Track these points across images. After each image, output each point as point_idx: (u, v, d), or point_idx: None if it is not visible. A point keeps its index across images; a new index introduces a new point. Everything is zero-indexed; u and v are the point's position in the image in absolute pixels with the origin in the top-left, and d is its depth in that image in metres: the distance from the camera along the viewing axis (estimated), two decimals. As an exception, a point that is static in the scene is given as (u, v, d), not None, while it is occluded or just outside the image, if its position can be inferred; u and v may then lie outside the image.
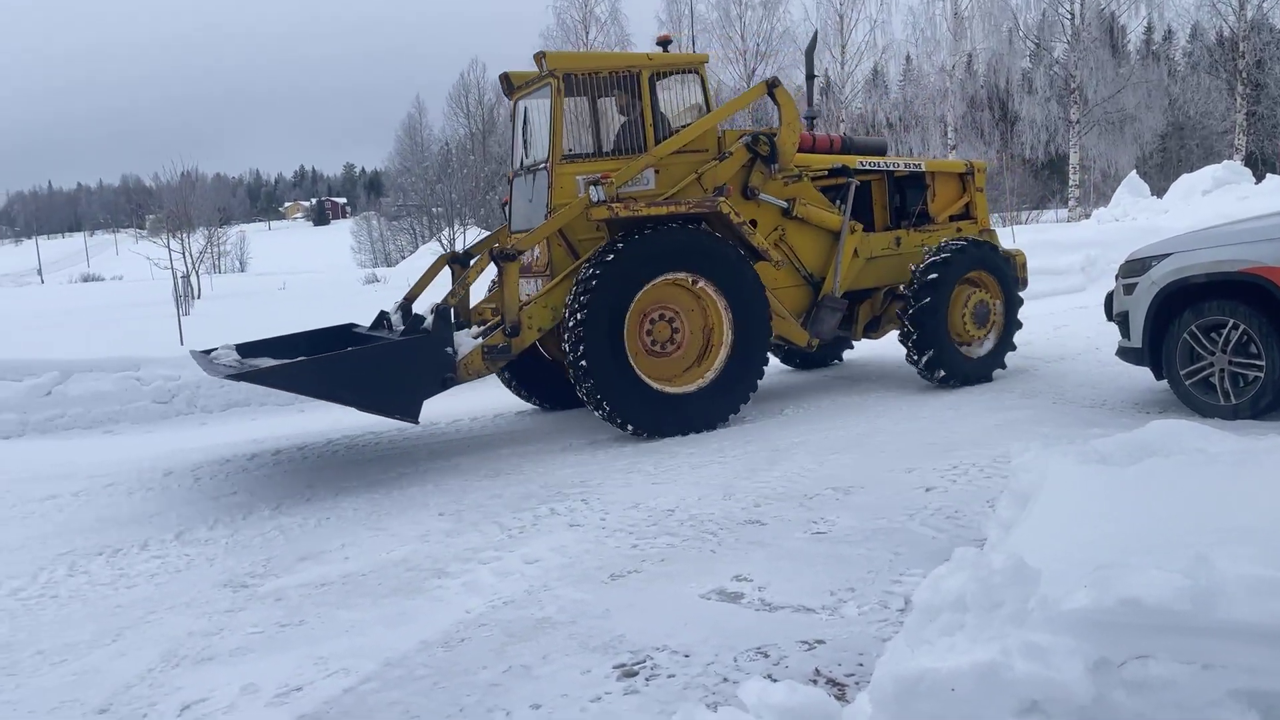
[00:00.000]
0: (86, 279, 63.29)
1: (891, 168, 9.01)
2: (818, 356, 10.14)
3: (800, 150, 8.47)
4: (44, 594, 4.91)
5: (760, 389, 7.96)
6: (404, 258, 61.11)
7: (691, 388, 7.60)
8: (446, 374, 7.21)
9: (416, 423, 7.15)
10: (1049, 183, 42.59)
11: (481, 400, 9.64)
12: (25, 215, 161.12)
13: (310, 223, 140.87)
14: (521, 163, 8.41)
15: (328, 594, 4.62)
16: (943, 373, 8.33)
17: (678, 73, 8.12)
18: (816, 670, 3.42)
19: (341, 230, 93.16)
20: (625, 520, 5.40)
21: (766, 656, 3.55)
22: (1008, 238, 19.78)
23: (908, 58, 42.69)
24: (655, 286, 7.48)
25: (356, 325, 8.39)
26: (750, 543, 4.88)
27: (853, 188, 8.52)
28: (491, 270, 8.13)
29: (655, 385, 7.46)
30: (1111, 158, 38.73)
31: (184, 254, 31.21)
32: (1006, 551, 2.84)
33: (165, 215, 41.57)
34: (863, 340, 9.43)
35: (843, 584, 4.20)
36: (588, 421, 8.36)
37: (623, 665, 3.58)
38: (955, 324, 8.44)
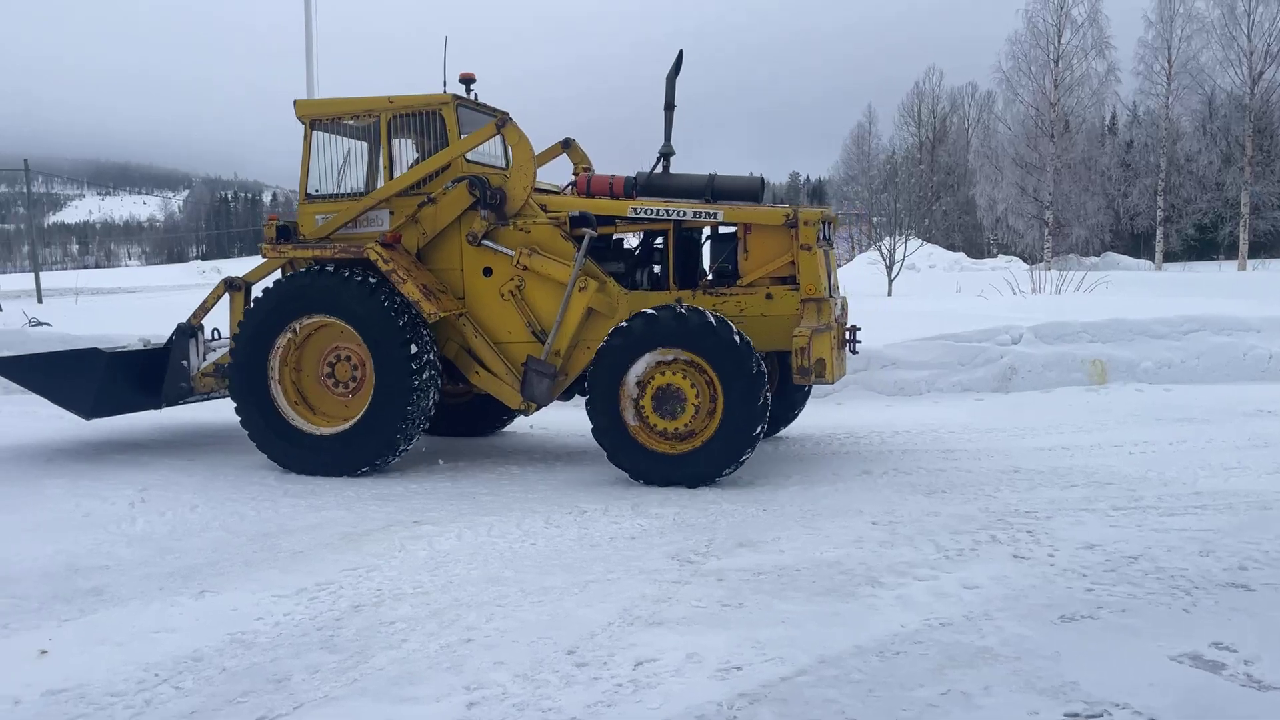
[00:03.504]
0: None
1: (679, 216, 7.51)
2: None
3: (584, 194, 7.91)
4: (525, 540, 5.63)
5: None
6: (839, 265, 61.61)
7: (336, 429, 7.54)
8: (181, 383, 8.41)
9: (86, 419, 8.57)
10: None
11: (931, 411, 9.46)
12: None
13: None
14: None
15: (764, 582, 4.79)
16: (625, 472, 7.02)
17: (419, 114, 7.77)
18: (1323, 771, 2.90)
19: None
20: (1077, 561, 4.98)
21: (1255, 742, 3.09)
22: None
23: None
24: (322, 327, 7.64)
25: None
26: (1233, 609, 4.26)
27: (587, 238, 7.42)
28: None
29: (305, 425, 7.60)
30: None
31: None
32: None
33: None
34: None
35: (1360, 677, 3.52)
36: (1037, 445, 7.84)
37: (1075, 715, 3.30)
38: (647, 413, 6.96)
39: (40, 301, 30.75)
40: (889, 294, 27.78)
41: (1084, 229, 42.47)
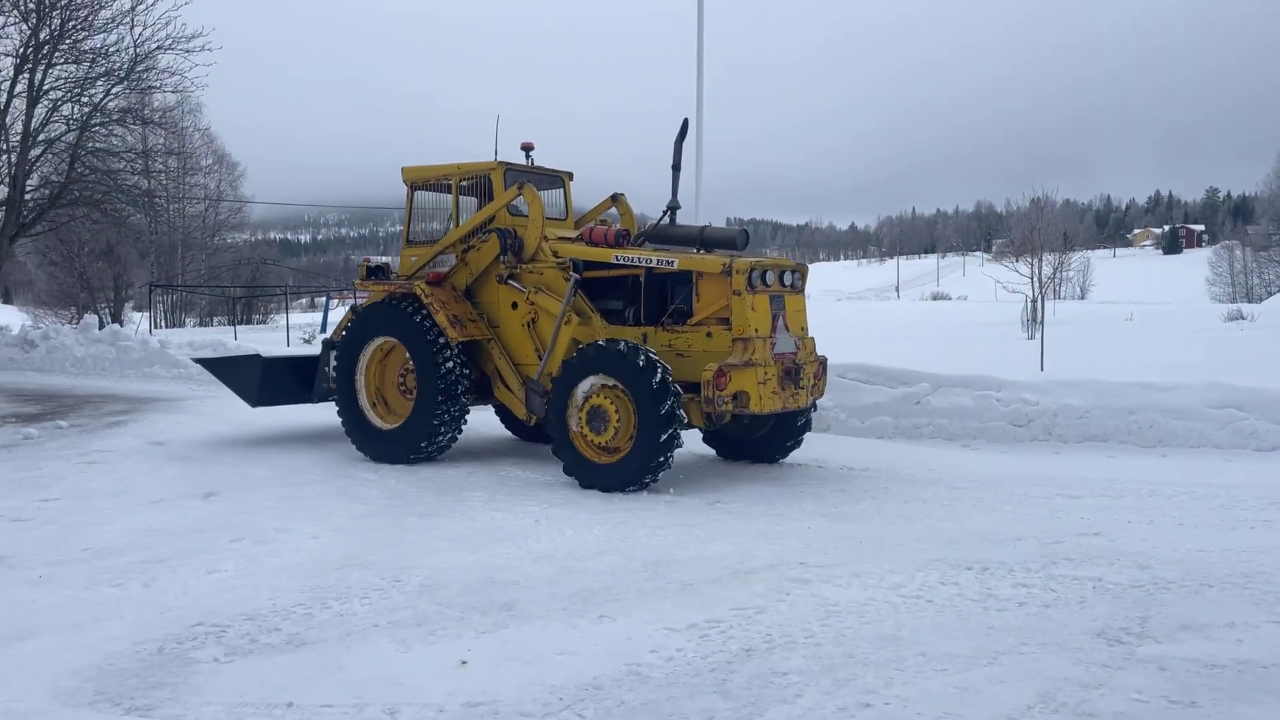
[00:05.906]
0: (935, 297, 69.01)
1: (647, 263, 8.77)
2: (753, 449, 9.34)
3: (587, 243, 9.26)
4: (920, 596, 5.20)
5: None
6: (1270, 293, 53.59)
7: (392, 426, 9.43)
8: (324, 384, 10.23)
9: (253, 406, 10.81)
10: None
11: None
12: (890, 237, 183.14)
13: (1159, 251, 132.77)
14: None
15: (1220, 679, 4.01)
16: (563, 472, 8.37)
17: (477, 178, 9.70)
18: None
19: (1195, 260, 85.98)
20: None
21: None
22: None
23: None
24: (395, 346, 9.51)
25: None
26: None
27: (574, 281, 8.73)
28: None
29: (375, 420, 9.55)
30: None
31: (1032, 279, 31.68)
32: None
33: (1012, 240, 42.94)
34: None
35: None
36: None
37: None
38: (583, 425, 8.22)
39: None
40: (1344, 327, 23.47)
41: None
